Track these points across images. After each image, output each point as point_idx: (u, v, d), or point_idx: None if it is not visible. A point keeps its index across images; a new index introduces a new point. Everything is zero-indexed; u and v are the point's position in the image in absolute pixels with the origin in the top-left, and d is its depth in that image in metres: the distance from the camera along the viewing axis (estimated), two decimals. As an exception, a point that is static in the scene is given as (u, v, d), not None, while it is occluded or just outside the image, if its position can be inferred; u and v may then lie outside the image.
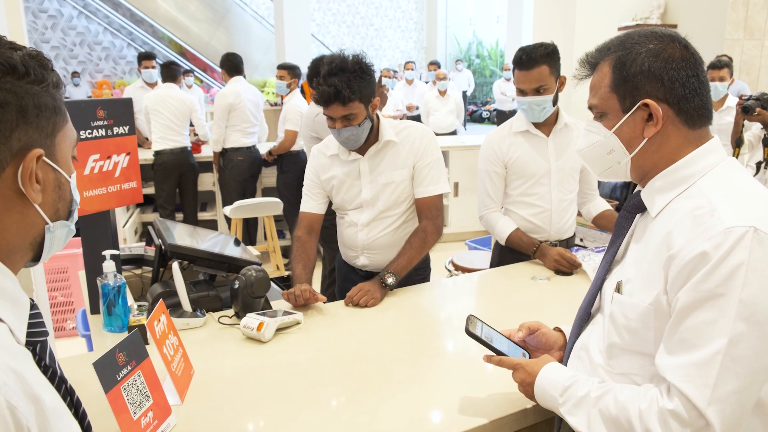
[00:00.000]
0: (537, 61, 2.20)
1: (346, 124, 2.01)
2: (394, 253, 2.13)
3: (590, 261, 2.22)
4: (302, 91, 4.92)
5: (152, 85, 5.62)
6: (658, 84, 1.06)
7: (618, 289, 1.12)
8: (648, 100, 1.06)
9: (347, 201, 2.20)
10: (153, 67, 5.64)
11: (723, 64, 4.35)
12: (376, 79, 2.12)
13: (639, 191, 1.15)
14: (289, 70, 4.91)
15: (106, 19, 13.00)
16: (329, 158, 2.20)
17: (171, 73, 5.18)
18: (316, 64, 3.78)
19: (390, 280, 2.02)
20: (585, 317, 1.24)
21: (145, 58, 5.76)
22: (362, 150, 2.15)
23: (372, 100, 2.06)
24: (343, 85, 1.94)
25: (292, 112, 4.71)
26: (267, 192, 5.31)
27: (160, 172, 4.98)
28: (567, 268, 2.22)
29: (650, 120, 1.07)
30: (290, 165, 4.82)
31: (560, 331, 1.39)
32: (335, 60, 1.99)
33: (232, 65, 4.96)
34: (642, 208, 1.14)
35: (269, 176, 5.30)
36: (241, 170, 4.95)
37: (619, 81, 1.09)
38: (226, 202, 4.73)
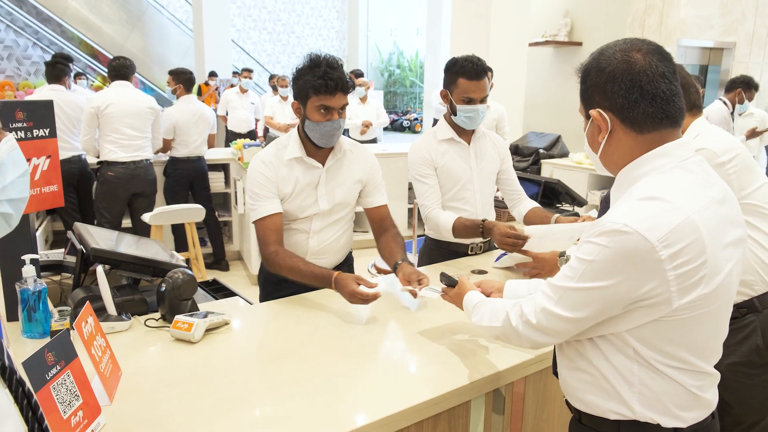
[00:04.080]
0: (484, 71, 2.40)
1: (341, 114, 2.12)
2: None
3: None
4: (200, 92, 4.95)
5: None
6: (602, 96, 1.19)
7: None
8: (591, 111, 1.21)
9: (301, 209, 2.21)
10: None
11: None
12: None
13: None
14: (174, 76, 4.96)
15: (8, 17, 12.28)
16: (288, 162, 2.17)
17: (56, 72, 4.64)
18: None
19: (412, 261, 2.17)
20: None
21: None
22: (321, 158, 2.21)
23: None
24: (346, 77, 2.09)
25: (164, 120, 4.84)
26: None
27: None
28: (512, 245, 2.25)
29: None
30: (170, 170, 5.08)
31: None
32: (327, 58, 2.10)
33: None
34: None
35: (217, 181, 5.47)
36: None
37: (582, 91, 1.25)
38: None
